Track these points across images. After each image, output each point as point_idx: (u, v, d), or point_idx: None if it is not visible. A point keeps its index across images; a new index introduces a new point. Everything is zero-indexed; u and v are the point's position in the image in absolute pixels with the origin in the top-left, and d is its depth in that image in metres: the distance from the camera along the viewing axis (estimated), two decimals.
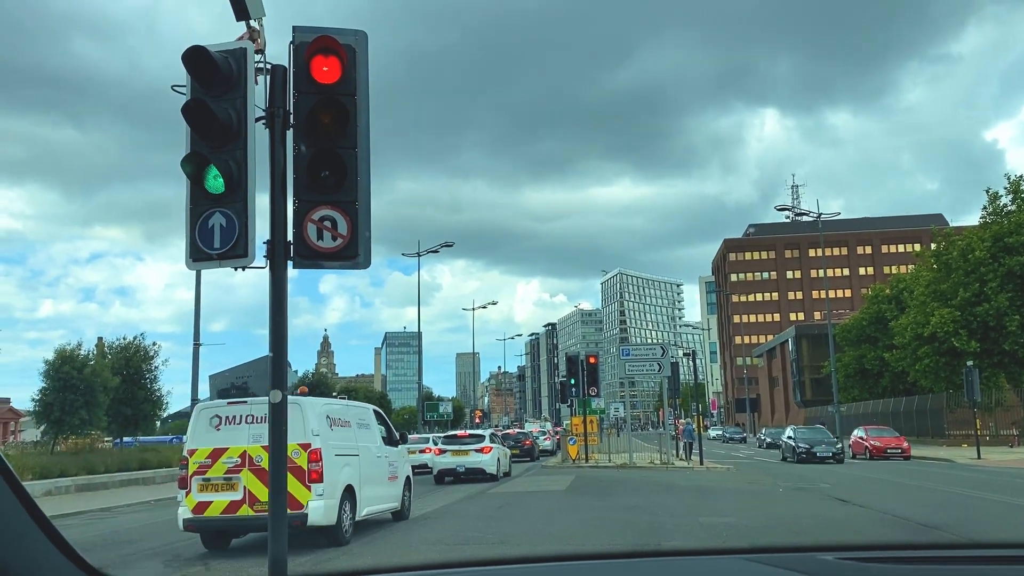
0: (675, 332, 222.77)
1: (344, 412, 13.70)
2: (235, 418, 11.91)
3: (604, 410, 53.14)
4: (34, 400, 39.17)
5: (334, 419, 12.91)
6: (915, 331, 44.84)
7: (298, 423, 11.12)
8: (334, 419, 12.91)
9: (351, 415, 13.90)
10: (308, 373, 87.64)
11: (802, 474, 26.32)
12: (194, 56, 5.35)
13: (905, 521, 13.32)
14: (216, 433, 11.85)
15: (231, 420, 11.92)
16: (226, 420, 11.94)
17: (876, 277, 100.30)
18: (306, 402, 12.36)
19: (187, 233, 5.43)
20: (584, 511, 15.91)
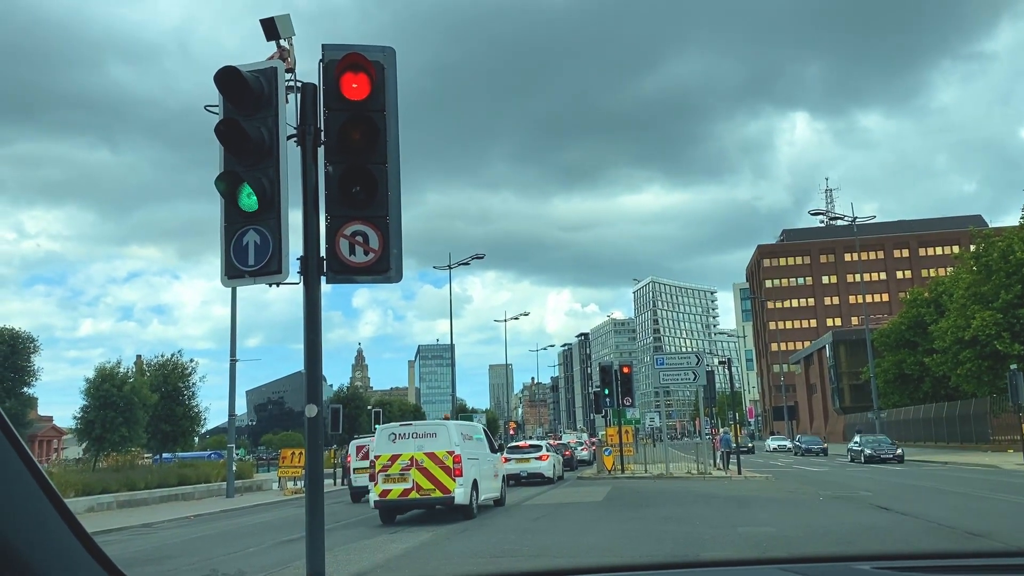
0: (710, 340, 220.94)
1: (470, 430, 19.78)
2: (405, 434, 17.68)
3: (639, 420, 52.80)
4: (76, 418, 39.92)
5: (465, 435, 18.61)
6: (956, 335, 44.01)
7: (446, 438, 17.43)
8: (465, 435, 18.61)
9: (473, 432, 19.84)
10: (343, 387, 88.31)
11: (842, 482, 25.91)
12: (226, 76, 5.44)
13: (949, 529, 13.04)
14: (393, 444, 17.43)
15: (402, 436, 17.62)
16: (399, 436, 17.64)
17: (914, 280, 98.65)
18: (451, 424, 19.35)
19: (222, 251, 5.51)
20: (621, 522, 15.80)
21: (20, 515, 1.37)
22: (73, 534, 1.47)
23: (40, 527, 1.41)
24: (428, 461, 17.13)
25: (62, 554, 1.44)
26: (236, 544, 15.50)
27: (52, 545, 1.43)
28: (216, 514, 23.61)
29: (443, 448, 17.27)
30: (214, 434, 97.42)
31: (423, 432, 17.78)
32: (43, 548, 1.40)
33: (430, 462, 17.08)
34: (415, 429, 18.06)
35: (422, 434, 17.66)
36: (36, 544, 1.39)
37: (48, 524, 1.42)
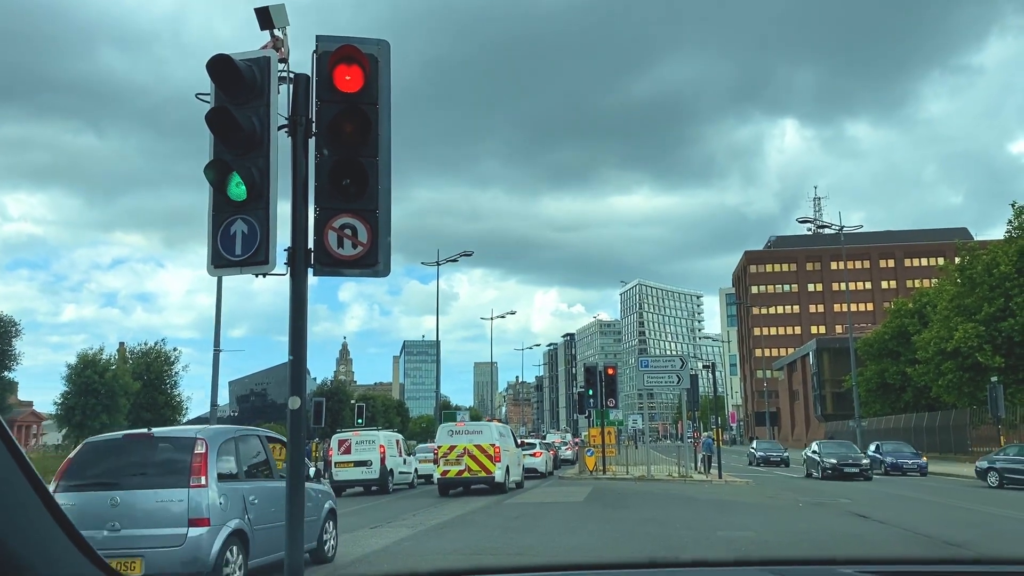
0: (695, 344, 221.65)
1: (504, 430, 27.04)
2: (460, 431, 24.80)
3: (622, 421, 52.96)
4: (56, 404, 39.66)
5: (501, 434, 25.59)
6: (938, 346, 44.32)
7: (489, 434, 24.53)
8: (501, 434, 25.59)
9: (506, 431, 27.22)
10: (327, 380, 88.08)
11: (822, 489, 26.05)
12: (219, 64, 5.41)
13: (927, 538, 13.13)
14: (451, 438, 24.26)
15: (458, 432, 24.65)
16: (455, 432, 24.67)
17: (899, 291, 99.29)
18: (492, 424, 27.43)
19: (209, 240, 5.47)
20: (601, 523, 15.83)
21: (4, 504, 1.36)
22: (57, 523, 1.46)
23: (24, 516, 1.40)
24: (477, 451, 23.66)
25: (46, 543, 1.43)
26: None
27: (36, 534, 1.41)
28: None
29: (487, 441, 24.00)
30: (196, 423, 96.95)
31: (473, 430, 24.96)
32: (27, 537, 1.39)
33: (478, 451, 23.62)
34: (467, 428, 25.56)
35: (472, 431, 24.78)
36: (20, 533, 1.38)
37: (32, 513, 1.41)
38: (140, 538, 8.26)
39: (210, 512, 8.54)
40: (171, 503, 8.47)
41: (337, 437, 27.92)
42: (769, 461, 45.42)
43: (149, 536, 8.28)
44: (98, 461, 9.10)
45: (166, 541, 8.30)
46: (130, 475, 8.79)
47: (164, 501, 8.48)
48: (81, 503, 8.34)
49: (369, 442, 26.69)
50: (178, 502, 8.47)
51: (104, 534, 8.17)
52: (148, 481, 8.73)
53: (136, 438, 9.46)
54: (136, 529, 8.31)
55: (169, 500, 8.49)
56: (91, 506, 8.34)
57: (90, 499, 8.43)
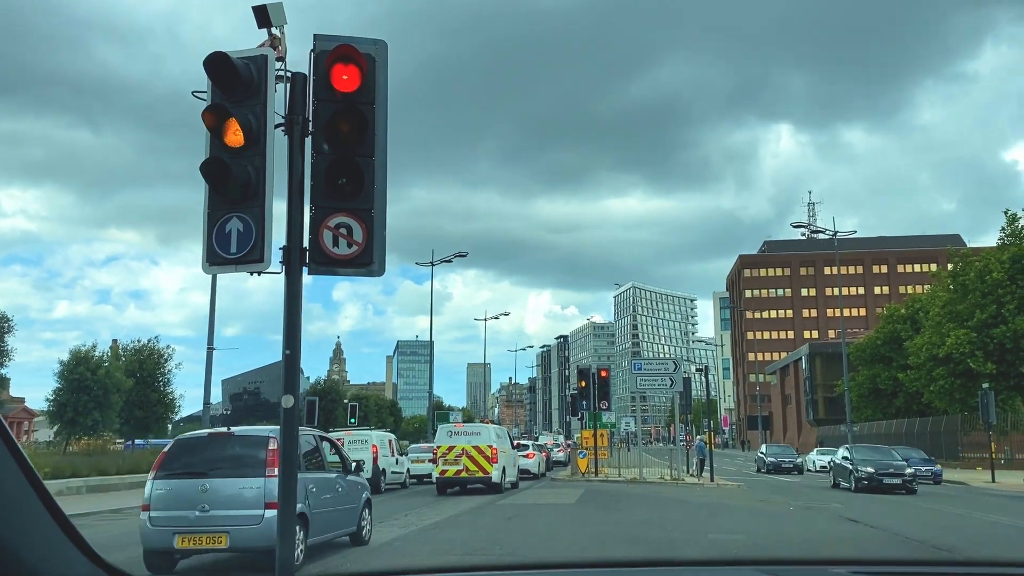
0: (688, 347, 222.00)
1: (501, 432, 27.96)
2: (459, 432, 25.57)
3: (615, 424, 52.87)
4: (48, 400, 39.53)
5: (499, 435, 26.46)
6: (930, 352, 44.48)
7: (487, 436, 25.18)
8: (499, 435, 26.46)
9: (503, 434, 28.15)
10: (320, 380, 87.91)
11: (810, 493, 26.12)
12: (216, 62, 5.41)
13: (917, 542, 13.19)
14: (450, 438, 24.98)
15: (457, 433, 25.46)
16: (455, 433, 25.51)
17: (891, 297, 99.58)
18: (490, 427, 27.81)
19: (204, 237, 5.47)
20: (594, 525, 15.84)
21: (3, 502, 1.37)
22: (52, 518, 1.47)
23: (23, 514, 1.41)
24: (475, 451, 24.35)
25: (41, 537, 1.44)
26: None
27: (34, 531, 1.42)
28: None
29: (485, 443, 24.71)
30: (188, 422, 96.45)
31: (471, 431, 25.83)
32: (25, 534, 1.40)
33: (476, 452, 24.34)
34: (466, 429, 26.39)
35: (470, 432, 25.59)
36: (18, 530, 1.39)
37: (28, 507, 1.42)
38: (225, 518, 9.84)
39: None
40: (250, 489, 10.01)
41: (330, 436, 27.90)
42: (780, 468, 41.05)
43: (232, 516, 9.87)
44: (187, 454, 10.70)
45: (246, 520, 9.85)
46: (215, 466, 10.30)
47: (244, 488, 10.03)
48: (175, 488, 10.17)
49: (362, 442, 26.69)
50: (255, 489, 9.98)
51: (195, 514, 9.87)
52: (231, 471, 10.23)
53: (219, 436, 11.09)
54: (222, 510, 9.88)
55: (248, 487, 10.03)
56: (184, 491, 10.10)
57: (183, 485, 10.17)
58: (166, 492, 10.27)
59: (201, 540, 9.89)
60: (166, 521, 10.06)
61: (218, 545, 9.88)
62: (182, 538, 9.89)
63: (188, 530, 9.88)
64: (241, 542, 9.91)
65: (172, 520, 9.99)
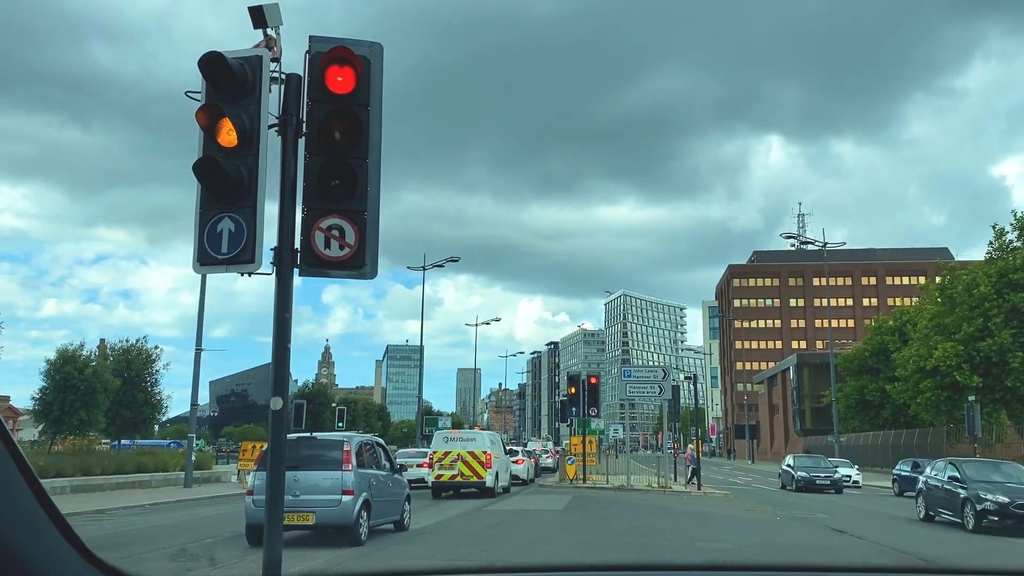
0: (677, 355, 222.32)
1: (495, 439, 28.88)
2: (454, 438, 26.43)
3: (604, 431, 52.94)
4: (34, 399, 39.28)
5: (492, 442, 27.16)
6: (917, 364, 44.66)
7: (482, 442, 25.81)
8: (492, 442, 27.16)
9: (497, 440, 29.27)
10: (308, 383, 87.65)
11: (798, 503, 26.18)
12: (211, 62, 5.40)
13: (903, 553, 13.23)
14: (446, 444, 25.77)
15: (452, 439, 26.30)
16: (450, 439, 26.31)
17: (880, 308, 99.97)
18: (485, 433, 28.42)
19: (195, 237, 5.45)
20: (580, 532, 15.83)
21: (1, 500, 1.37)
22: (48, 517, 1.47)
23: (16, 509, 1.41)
24: (469, 457, 25.02)
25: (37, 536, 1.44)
26: (193, 534, 15.32)
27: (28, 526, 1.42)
28: (173, 503, 23.32)
29: (480, 448, 25.41)
30: (175, 423, 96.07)
31: (467, 438, 26.66)
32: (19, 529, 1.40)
33: (471, 457, 25.02)
34: (461, 435, 27.39)
35: (466, 439, 26.38)
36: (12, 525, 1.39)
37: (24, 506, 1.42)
38: (312, 501, 12.82)
39: (353, 486, 13.17)
40: (330, 480, 13.07)
41: None
42: (814, 485, 32.57)
43: (317, 500, 12.90)
44: None
45: (328, 503, 12.97)
46: (303, 462, 13.07)
47: (326, 478, 13.07)
48: None
49: None
50: (334, 479, 13.08)
51: (289, 498, 11.72)
52: (315, 466, 13.20)
53: (305, 439, 14.43)
54: (310, 495, 12.83)
55: (329, 478, 13.08)
56: None
57: None
58: None
59: (294, 518, 12.59)
60: None
61: (307, 522, 12.96)
62: None
63: (285, 509, 10.67)
64: (324, 519, 12.97)
65: None
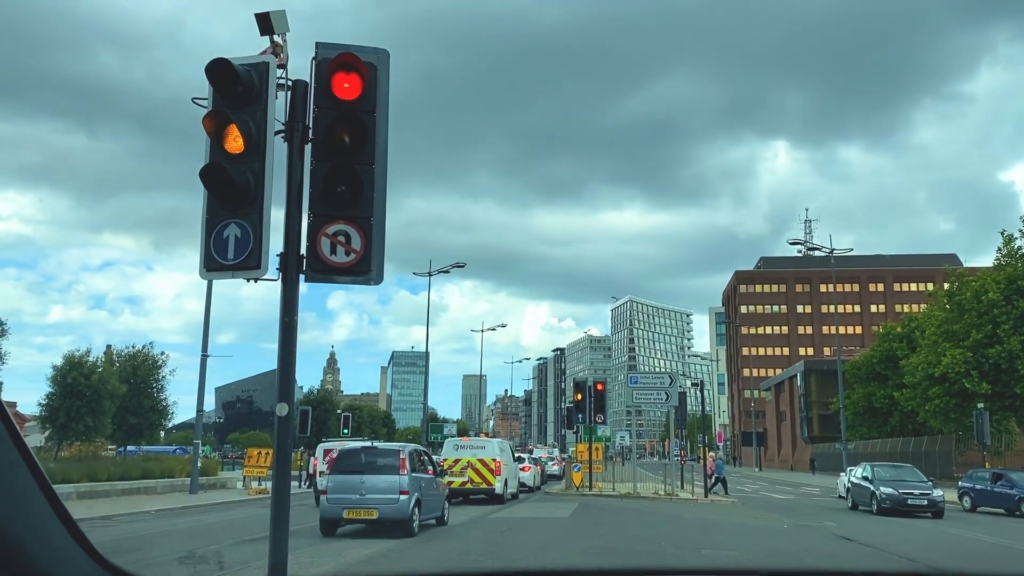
0: (684, 362, 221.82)
1: (504, 447, 28.85)
2: (464, 446, 26.82)
3: (610, 438, 52.78)
4: (40, 405, 39.38)
5: (502, 449, 27.58)
6: (926, 371, 44.48)
7: (491, 450, 26.43)
8: (502, 449, 27.58)
9: (505, 447, 29.21)
10: (313, 389, 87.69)
11: (804, 511, 26.05)
12: (217, 68, 5.41)
13: (910, 561, 13.15)
14: (456, 451, 26.19)
15: (463, 447, 26.67)
16: (460, 447, 26.71)
17: (888, 315, 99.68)
18: (494, 441, 29.38)
19: (202, 243, 5.45)
20: (586, 539, 15.78)
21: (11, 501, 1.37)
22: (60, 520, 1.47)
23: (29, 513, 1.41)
24: (479, 464, 25.58)
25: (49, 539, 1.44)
26: (199, 540, 15.33)
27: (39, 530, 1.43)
28: (178, 510, 23.32)
29: (489, 456, 26.02)
30: (180, 429, 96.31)
31: (476, 445, 27.21)
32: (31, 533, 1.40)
33: (481, 465, 25.57)
34: (471, 443, 27.79)
35: (476, 446, 27.00)
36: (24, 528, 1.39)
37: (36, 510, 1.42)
38: (375, 499, 15.61)
39: (408, 487, 15.80)
40: (390, 482, 15.75)
41: (323, 447, 27.74)
42: (904, 507, 24.26)
43: (379, 499, 15.64)
44: (349, 458, 16.84)
45: (388, 502, 15.64)
46: (367, 467, 16.15)
47: (386, 481, 15.77)
48: (343, 481, 15.93)
49: None
50: (393, 482, 15.76)
51: (356, 497, 15.69)
52: (377, 470, 16.05)
53: (368, 448, 17.92)
54: (373, 495, 15.65)
55: (388, 480, 15.78)
56: (349, 482, 15.86)
57: (348, 479, 15.95)
58: (337, 483, 16.00)
59: (359, 513, 15.65)
60: (338, 501, 15.76)
61: (371, 516, 15.65)
62: (348, 511, 15.67)
63: (352, 507, 15.68)
64: (385, 515, 15.65)
65: (342, 500, 15.72)
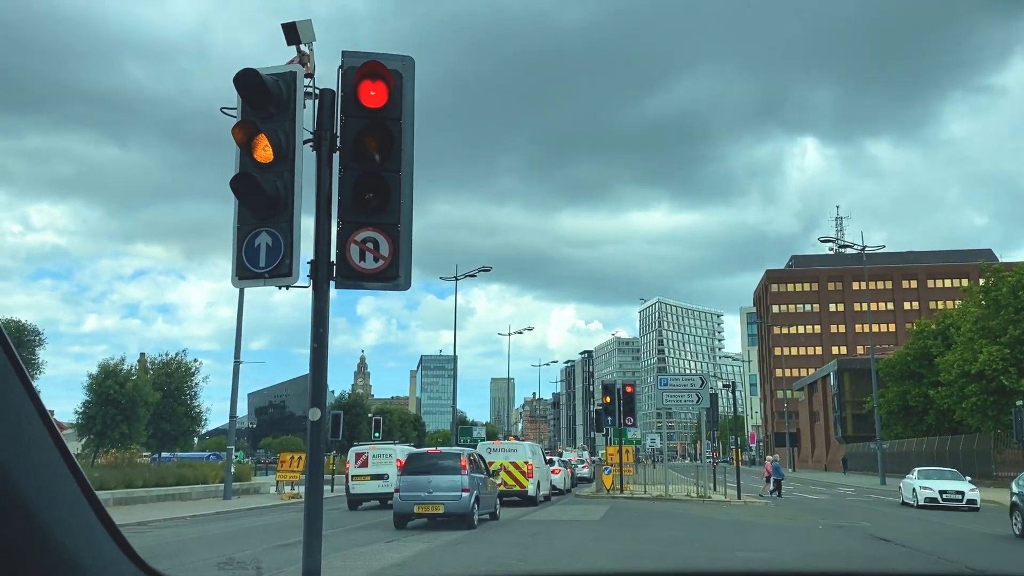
0: (714, 363, 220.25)
1: (535, 450, 29.91)
2: (498, 449, 27.52)
3: (640, 440, 52.52)
4: (77, 413, 39.95)
5: (533, 452, 28.56)
6: (962, 368, 43.79)
7: (523, 453, 27.25)
8: (533, 452, 28.56)
9: (537, 451, 30.38)
10: (344, 393, 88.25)
11: (841, 511, 25.75)
12: (246, 79, 5.48)
13: (948, 562, 12.95)
14: (489, 455, 25.80)
15: (496, 450, 27.21)
16: (494, 450, 27.14)
17: (922, 312, 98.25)
18: (526, 444, 29.82)
19: (234, 251, 5.53)
20: (618, 542, 15.72)
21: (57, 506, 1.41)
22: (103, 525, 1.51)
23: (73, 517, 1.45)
24: (512, 467, 26.24)
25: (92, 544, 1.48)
26: (233, 546, 15.48)
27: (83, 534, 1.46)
28: (212, 515, 23.58)
29: (522, 459, 26.82)
30: (214, 435, 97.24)
31: (509, 448, 28.10)
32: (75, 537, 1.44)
33: (513, 468, 26.26)
34: (504, 446, 28.87)
35: (508, 449, 27.87)
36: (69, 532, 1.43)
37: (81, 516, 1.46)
38: (441, 496, 17.97)
39: (469, 486, 18.09)
40: (453, 480, 18.10)
41: (354, 450, 27.89)
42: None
43: (445, 496, 17.98)
44: (418, 461, 19.53)
45: (452, 498, 17.97)
46: (434, 468, 18.56)
47: (450, 480, 18.12)
48: (414, 480, 18.27)
49: (386, 456, 26.67)
50: (457, 481, 18.10)
51: (424, 494, 18.00)
52: (442, 471, 18.41)
53: (432, 452, 21.22)
54: (439, 492, 17.99)
55: (452, 479, 18.14)
56: (419, 482, 18.17)
57: (418, 479, 18.28)
58: (408, 483, 18.44)
59: (428, 507, 18.05)
60: (409, 498, 18.14)
61: (438, 511, 18.03)
62: (419, 506, 18.07)
63: (422, 502, 18.05)
64: (450, 510, 18.00)
65: (413, 497, 18.08)
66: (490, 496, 20.19)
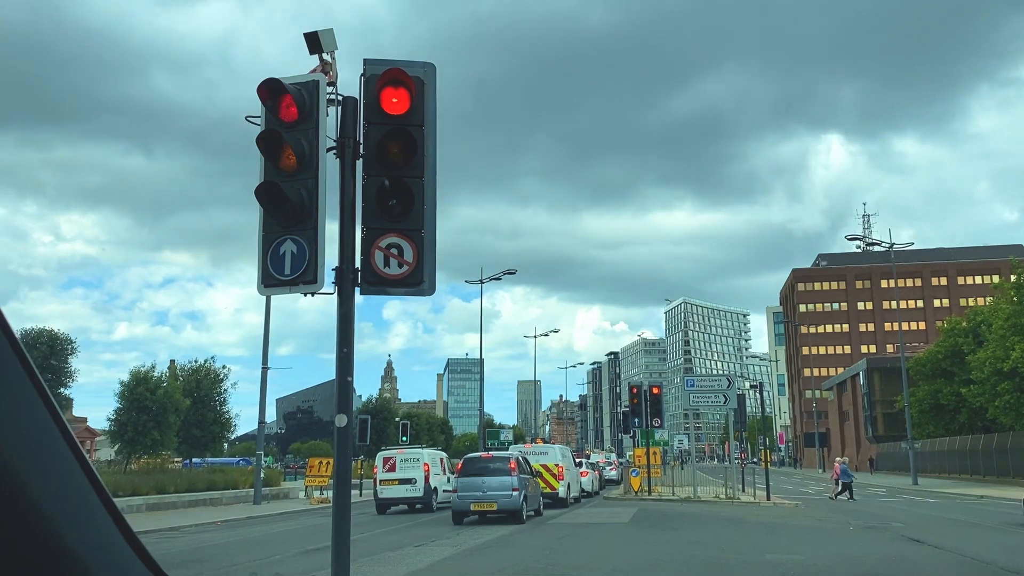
0: (741, 363, 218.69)
1: (565, 452, 30.79)
2: (528, 452, 27.22)
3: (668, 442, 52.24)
4: (109, 420, 40.46)
5: (564, 455, 29.28)
6: (994, 366, 43.13)
7: (554, 456, 28.01)
8: (564, 455, 29.28)
9: (567, 453, 31.09)
10: (372, 398, 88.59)
11: (874, 512, 25.42)
12: (269, 88, 5.53)
13: (983, 564, 12.74)
14: None
15: (527, 453, 26.70)
16: (525, 453, 26.48)
17: (952, 309, 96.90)
18: (556, 447, 30.36)
19: (259, 259, 5.58)
20: (647, 544, 15.64)
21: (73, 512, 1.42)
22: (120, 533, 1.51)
23: (91, 524, 1.46)
24: (543, 470, 26.37)
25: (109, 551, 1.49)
26: (263, 551, 15.60)
27: (100, 542, 1.47)
28: (243, 520, 23.78)
29: (552, 461, 27.44)
30: (243, 441, 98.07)
31: (539, 451, 28.42)
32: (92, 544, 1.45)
33: (544, 470, 26.46)
34: (534, 449, 29.10)
35: (538, 452, 28.23)
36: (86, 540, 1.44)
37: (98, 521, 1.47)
38: (494, 495, 20.26)
39: (518, 486, 20.39)
40: (504, 481, 20.38)
41: (382, 455, 28.00)
42: None
43: (497, 495, 20.27)
44: (472, 464, 21.67)
45: (504, 496, 20.26)
46: (486, 470, 20.93)
47: (501, 480, 20.43)
48: (470, 481, 20.61)
49: (413, 460, 26.72)
50: (508, 481, 20.40)
51: (479, 493, 20.29)
52: (494, 472, 20.72)
53: (485, 456, 22.66)
54: (492, 491, 20.29)
55: (504, 480, 20.43)
56: (474, 483, 20.52)
57: (473, 480, 20.67)
58: (464, 484, 20.76)
59: (483, 505, 20.38)
60: (466, 497, 20.46)
61: (491, 508, 20.31)
62: (475, 504, 20.37)
63: (477, 501, 20.33)
64: (502, 507, 20.25)
65: (469, 497, 20.43)
66: (535, 495, 22.53)
